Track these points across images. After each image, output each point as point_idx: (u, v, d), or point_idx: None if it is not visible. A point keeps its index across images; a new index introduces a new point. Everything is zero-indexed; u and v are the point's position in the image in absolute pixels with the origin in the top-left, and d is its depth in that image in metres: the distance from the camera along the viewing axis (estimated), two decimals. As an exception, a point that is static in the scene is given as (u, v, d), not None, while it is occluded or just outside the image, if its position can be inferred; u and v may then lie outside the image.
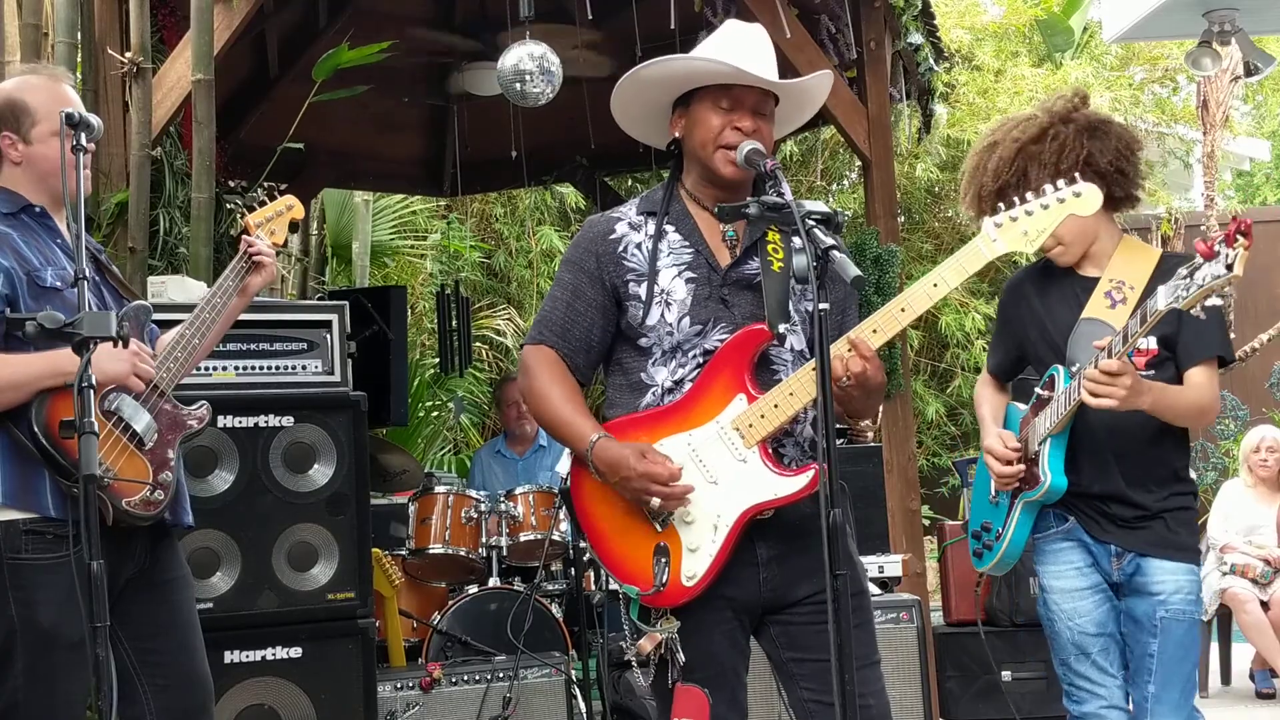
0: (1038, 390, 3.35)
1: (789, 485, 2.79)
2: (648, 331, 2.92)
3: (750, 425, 2.81)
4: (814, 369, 2.69)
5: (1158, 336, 3.10)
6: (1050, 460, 3.23)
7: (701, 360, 2.88)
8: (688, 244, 2.95)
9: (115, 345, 3.01)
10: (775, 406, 2.80)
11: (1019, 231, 2.77)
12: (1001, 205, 2.87)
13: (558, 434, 2.98)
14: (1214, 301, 2.85)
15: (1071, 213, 2.77)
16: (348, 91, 6.12)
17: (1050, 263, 3.44)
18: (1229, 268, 2.79)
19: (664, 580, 2.80)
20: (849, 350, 2.75)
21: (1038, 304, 3.43)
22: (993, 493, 3.42)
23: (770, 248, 2.92)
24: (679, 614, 2.82)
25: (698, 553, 2.81)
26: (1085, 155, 3.27)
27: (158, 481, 3.10)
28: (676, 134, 2.99)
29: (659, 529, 2.84)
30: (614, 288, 2.95)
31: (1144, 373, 3.11)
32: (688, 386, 2.88)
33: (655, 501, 2.80)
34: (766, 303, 2.86)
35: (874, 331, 2.78)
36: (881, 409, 6.01)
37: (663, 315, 2.91)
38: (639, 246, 2.95)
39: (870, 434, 6.55)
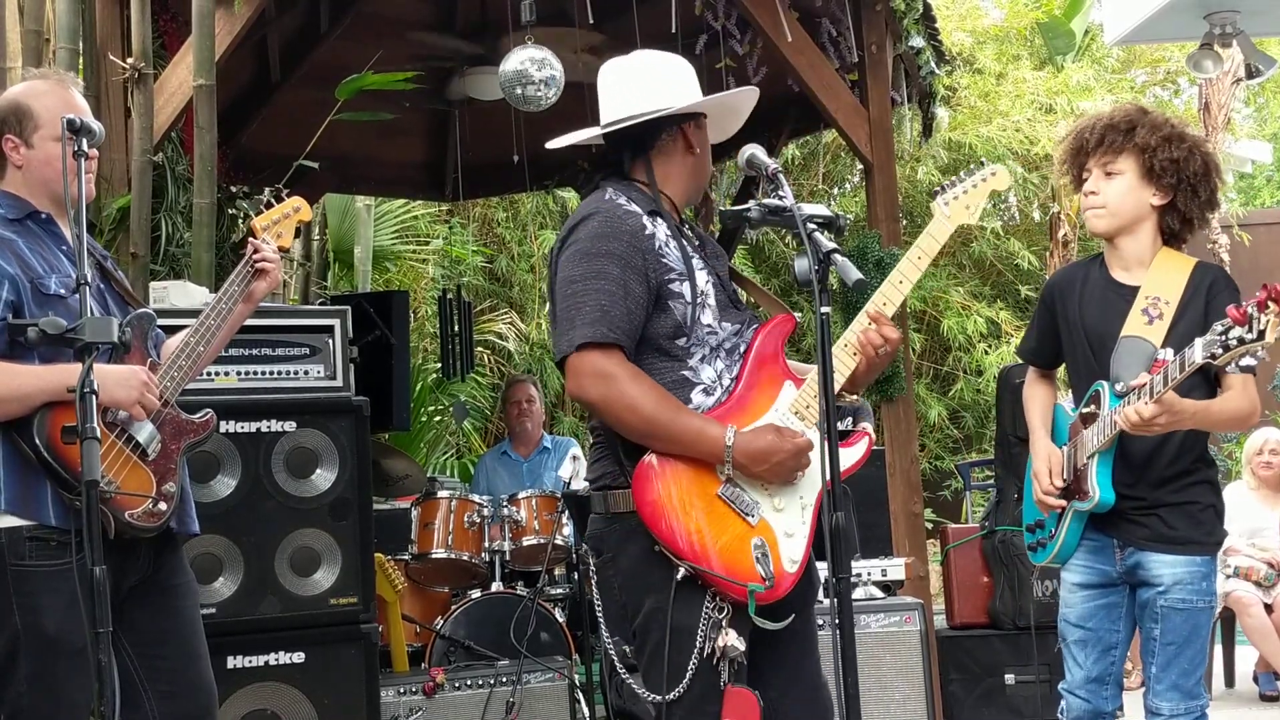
0: (1081, 410, 3.46)
1: (851, 455, 2.94)
2: (688, 331, 2.89)
3: (808, 406, 2.89)
4: (843, 346, 2.91)
5: (1178, 350, 3.25)
6: (1099, 476, 3.35)
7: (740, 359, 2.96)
8: (697, 245, 3.01)
9: (118, 355, 3.02)
10: None
11: (961, 207, 3.18)
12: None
13: (675, 443, 2.80)
14: (1248, 361, 3.00)
15: (992, 189, 3.20)
16: (371, 115, 6.13)
17: (1092, 267, 3.55)
18: (1261, 334, 2.94)
19: (771, 573, 2.78)
20: (870, 323, 2.92)
21: (1076, 307, 3.53)
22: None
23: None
24: (737, 624, 2.81)
25: (794, 536, 2.85)
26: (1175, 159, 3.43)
27: (161, 492, 3.09)
28: (692, 145, 3.05)
29: (753, 523, 2.82)
30: (657, 286, 2.87)
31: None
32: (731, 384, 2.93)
33: (801, 474, 2.86)
34: (762, 297, 3.06)
35: (884, 304, 2.97)
36: (883, 410, 6.02)
37: (701, 315, 2.91)
38: (667, 244, 2.92)
39: (872, 437, 6.54)
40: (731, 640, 2.78)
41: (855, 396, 3.03)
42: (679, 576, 2.77)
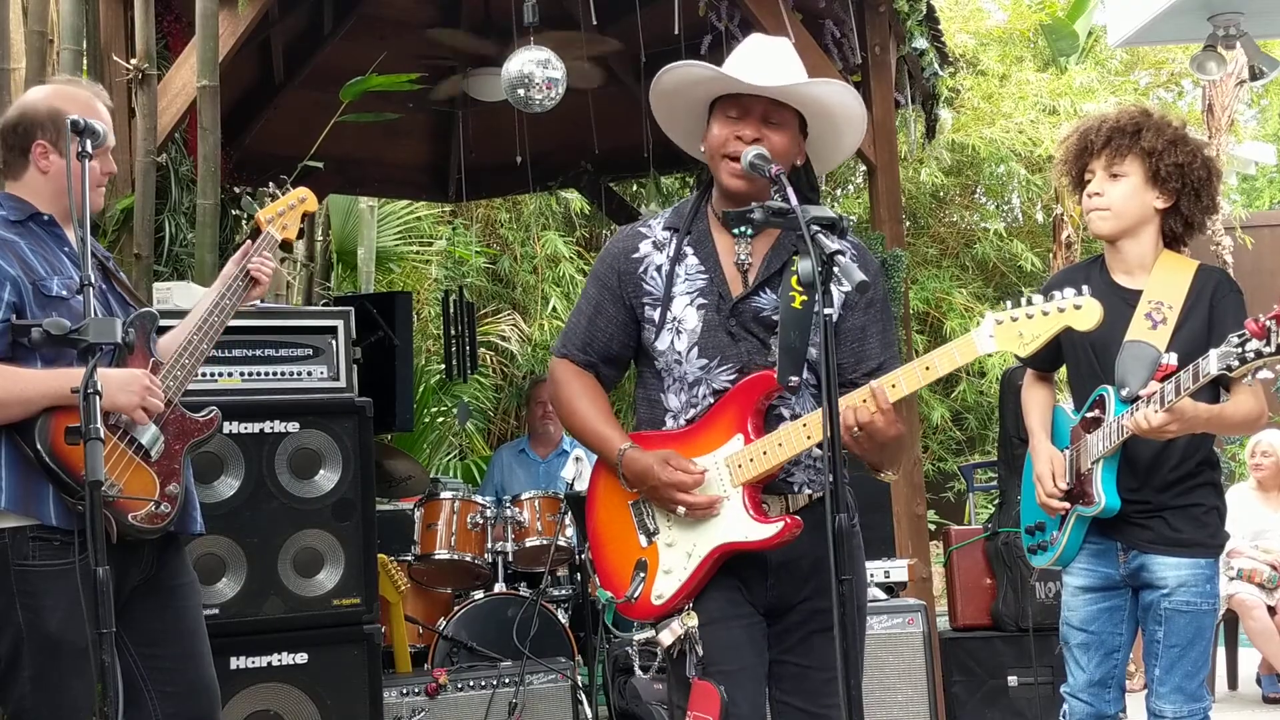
0: (1084, 414, 3.44)
1: (759, 532, 2.83)
2: (658, 356, 2.96)
3: (740, 465, 2.84)
4: (803, 424, 2.79)
5: (1182, 355, 3.27)
6: (1104, 481, 3.35)
7: (711, 400, 2.92)
8: (703, 270, 2.95)
9: (121, 356, 3.02)
10: (764, 453, 2.83)
11: (1015, 333, 2.73)
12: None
13: (588, 444, 3.03)
14: (1265, 374, 3.02)
15: (1068, 324, 2.74)
16: (375, 116, 6.13)
17: (1093, 270, 3.53)
18: (1279, 349, 2.96)
19: (637, 594, 2.88)
20: (862, 400, 2.72)
21: None
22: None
23: (794, 280, 2.84)
24: (700, 607, 2.85)
25: (670, 575, 2.88)
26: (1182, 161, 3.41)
27: (164, 494, 3.09)
28: (702, 148, 2.98)
29: (644, 544, 2.91)
30: (632, 307, 2.98)
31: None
32: (698, 418, 2.93)
33: (681, 510, 2.83)
34: (780, 350, 2.84)
35: (893, 386, 2.74)
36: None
37: (673, 343, 2.93)
38: (659, 269, 2.97)
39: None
40: (665, 636, 2.84)
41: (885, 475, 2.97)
42: (583, 556, 2.94)
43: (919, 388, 2.78)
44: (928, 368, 2.73)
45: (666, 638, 2.84)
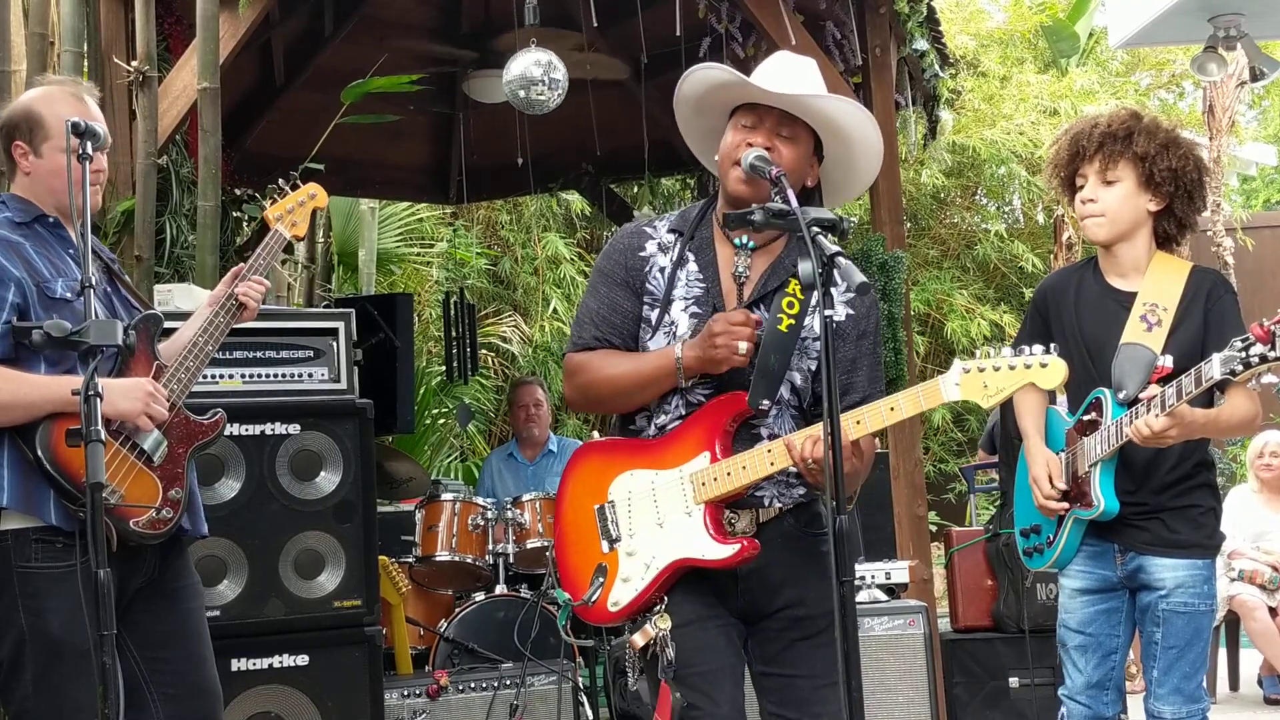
0: (1080, 417, 3.43)
1: (716, 551, 2.83)
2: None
3: (704, 484, 2.85)
4: (767, 450, 2.80)
5: (1178, 357, 3.29)
6: (1102, 484, 3.34)
7: (684, 411, 2.92)
8: (702, 278, 2.95)
9: (124, 358, 3.02)
10: (728, 474, 2.83)
11: (980, 384, 2.73)
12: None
13: (641, 382, 2.91)
14: (1270, 378, 2.96)
15: (1032, 381, 2.72)
16: (375, 118, 6.14)
17: (1086, 272, 3.54)
18: None
19: (594, 598, 2.90)
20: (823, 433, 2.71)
21: (1071, 313, 3.52)
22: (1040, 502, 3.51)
23: (786, 301, 2.86)
24: (674, 610, 2.85)
25: (628, 584, 2.89)
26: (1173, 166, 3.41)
27: (167, 499, 3.09)
28: (715, 157, 2.98)
29: (606, 550, 2.92)
30: (641, 301, 2.97)
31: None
32: (670, 429, 2.93)
33: (744, 346, 2.76)
34: (756, 373, 2.83)
35: (857, 423, 2.77)
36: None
37: (652, 345, 2.94)
38: (662, 270, 2.97)
39: (876, 441, 6.54)
40: (638, 638, 2.85)
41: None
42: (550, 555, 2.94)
43: (882, 427, 2.80)
44: (892, 408, 2.77)
45: (639, 640, 2.85)
